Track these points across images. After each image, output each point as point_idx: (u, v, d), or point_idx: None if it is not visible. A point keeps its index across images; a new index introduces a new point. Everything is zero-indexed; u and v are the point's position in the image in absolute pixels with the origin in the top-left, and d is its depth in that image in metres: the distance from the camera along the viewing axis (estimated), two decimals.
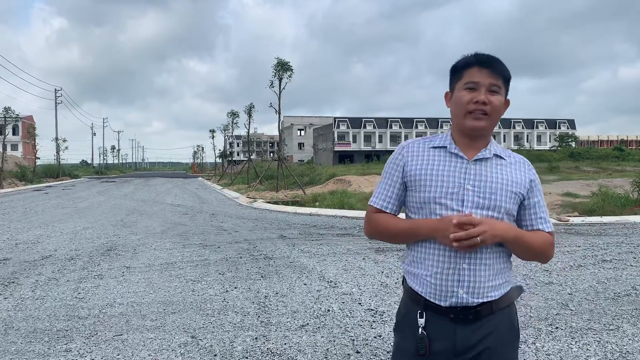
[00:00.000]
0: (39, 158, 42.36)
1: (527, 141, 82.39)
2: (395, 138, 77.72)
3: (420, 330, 1.56)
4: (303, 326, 4.11)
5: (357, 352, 3.56)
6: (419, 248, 1.60)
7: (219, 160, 53.73)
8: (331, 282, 5.55)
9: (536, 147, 76.66)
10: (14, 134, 65.26)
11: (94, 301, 4.93)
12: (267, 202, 16.80)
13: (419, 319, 1.57)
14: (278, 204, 16.06)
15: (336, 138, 78.19)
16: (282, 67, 20.32)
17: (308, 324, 4.15)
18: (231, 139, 50.93)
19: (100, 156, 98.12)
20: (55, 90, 58.72)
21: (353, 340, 3.79)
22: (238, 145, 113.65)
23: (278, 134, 26.95)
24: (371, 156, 68.82)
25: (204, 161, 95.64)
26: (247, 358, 3.47)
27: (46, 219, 12.38)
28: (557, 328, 3.99)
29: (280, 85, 20.56)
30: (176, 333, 3.98)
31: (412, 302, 1.61)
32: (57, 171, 44.46)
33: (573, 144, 73.55)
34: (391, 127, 79.91)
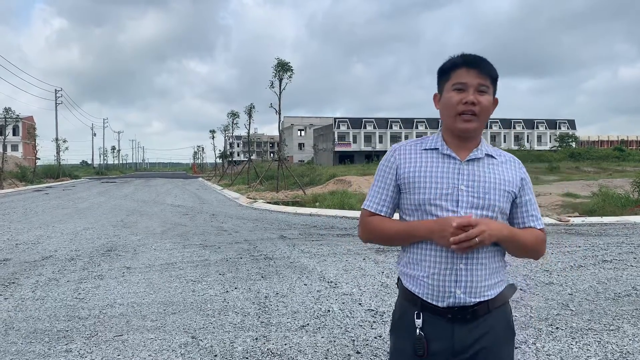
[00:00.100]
0: (39, 158, 42.40)
1: (528, 141, 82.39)
2: (395, 138, 77.74)
3: (417, 331, 1.56)
4: (303, 326, 4.11)
5: (358, 353, 3.56)
6: (415, 249, 1.60)
7: (219, 160, 53.78)
8: (331, 283, 5.55)
9: (536, 148, 76.65)
10: (14, 135, 65.35)
11: (94, 302, 4.94)
12: (268, 203, 16.81)
13: (416, 320, 1.57)
14: (278, 205, 16.07)
15: (336, 138, 78.23)
16: (283, 68, 20.34)
17: (308, 325, 4.15)
18: (231, 140, 50.93)
19: (100, 157, 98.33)
20: (55, 90, 58.83)
21: (353, 340, 3.79)
22: (238, 145, 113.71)
23: (278, 135, 26.96)
24: (371, 156, 68.80)
25: (204, 162, 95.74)
26: (248, 358, 3.47)
27: (46, 220, 12.38)
28: (558, 328, 3.99)
29: (280, 85, 20.59)
30: (176, 333, 3.98)
31: (409, 303, 1.62)
32: (58, 172, 44.48)
33: (573, 144, 73.55)
34: (391, 128, 79.96)
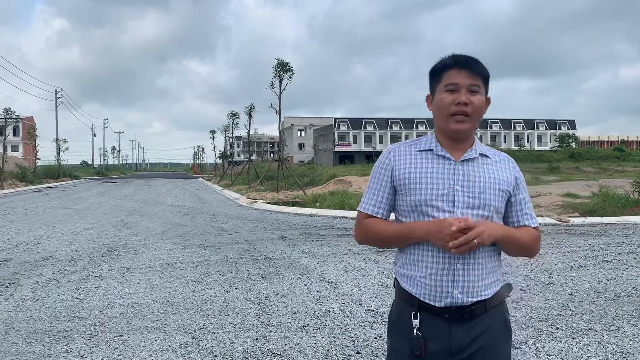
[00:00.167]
0: (40, 159, 42.42)
1: (528, 142, 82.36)
2: (395, 138, 77.69)
3: (415, 331, 1.57)
4: (304, 327, 4.11)
5: (358, 353, 3.56)
6: (412, 250, 1.61)
7: (220, 161, 53.79)
8: (332, 283, 5.55)
9: (537, 148, 76.66)
10: (15, 135, 65.35)
11: (95, 302, 4.94)
12: (268, 203, 16.81)
13: (414, 320, 1.58)
14: (278, 205, 16.07)
15: (336, 139, 78.22)
16: (283, 68, 20.35)
17: (309, 325, 4.15)
18: (231, 140, 50.97)
19: (100, 157, 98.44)
20: (55, 91, 58.88)
21: (354, 340, 3.79)
22: (238, 145, 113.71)
23: (278, 135, 26.97)
24: (372, 157, 68.71)
25: (205, 162, 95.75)
26: (248, 359, 3.47)
27: (47, 220, 12.39)
28: (558, 329, 3.99)
29: (280, 86, 20.60)
30: (177, 334, 3.98)
31: (406, 304, 1.62)
32: (58, 172, 44.49)
33: (573, 145, 73.54)
34: (392, 128, 79.93)
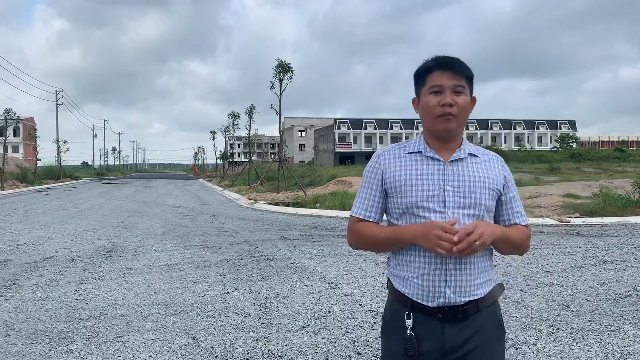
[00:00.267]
0: (40, 159, 42.36)
1: (528, 142, 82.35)
2: (396, 139, 77.73)
3: (408, 331, 1.57)
4: (304, 327, 4.10)
5: (358, 354, 3.56)
6: (405, 250, 1.62)
7: (220, 161, 53.82)
8: (332, 284, 5.55)
9: (537, 148, 76.67)
10: (15, 136, 65.37)
11: (95, 302, 4.94)
12: (268, 204, 16.81)
13: (407, 320, 1.58)
14: (279, 205, 16.07)
15: (337, 139, 78.22)
16: (283, 69, 20.36)
17: (309, 325, 4.15)
18: (232, 140, 51.05)
19: (101, 158, 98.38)
20: (56, 91, 58.85)
21: (354, 341, 3.79)
22: (239, 146, 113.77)
23: (279, 135, 26.97)
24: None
25: (205, 162, 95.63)
26: (248, 359, 3.47)
27: (47, 221, 12.39)
28: (558, 329, 3.99)
29: (280, 86, 20.61)
30: (177, 334, 3.98)
31: (399, 304, 1.63)
32: (58, 173, 44.51)
33: (574, 145, 73.54)
34: (392, 128, 79.94)
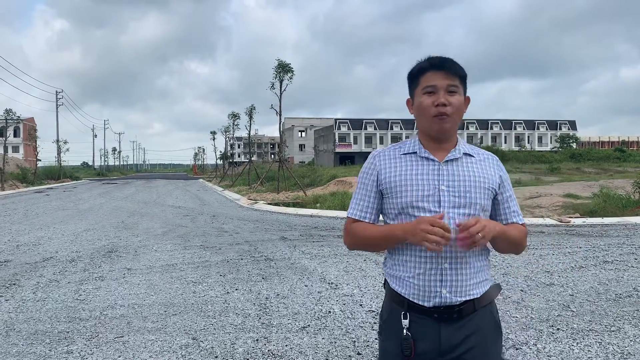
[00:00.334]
0: (40, 160, 42.35)
1: (528, 142, 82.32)
2: (396, 139, 77.67)
3: (404, 331, 1.57)
4: (304, 328, 4.10)
5: (359, 354, 3.55)
6: (401, 250, 1.62)
7: (220, 161, 53.82)
8: (332, 284, 5.55)
9: (537, 148, 76.62)
10: (15, 136, 65.34)
11: (95, 303, 4.94)
12: (268, 204, 16.81)
13: (403, 320, 1.59)
14: (279, 206, 16.07)
15: (337, 139, 78.21)
16: (283, 69, 20.37)
17: (309, 326, 4.15)
18: (232, 141, 51.04)
19: (101, 158, 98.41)
20: (56, 92, 58.86)
21: (354, 341, 3.79)
22: (239, 146, 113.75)
23: (279, 136, 26.97)
24: None
25: (205, 163, 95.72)
26: (248, 359, 3.48)
27: (47, 221, 12.40)
28: (559, 329, 3.99)
29: (281, 86, 20.62)
30: (177, 335, 3.98)
31: (395, 304, 1.63)
32: (58, 173, 44.53)
33: (574, 145, 73.52)
34: (392, 129, 79.93)
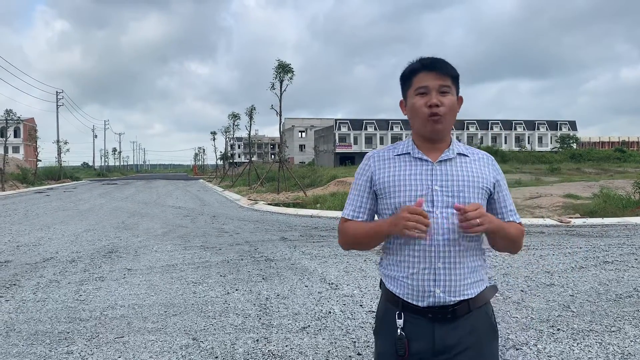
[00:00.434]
0: (40, 160, 42.31)
1: (529, 142, 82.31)
2: (396, 139, 77.53)
3: (398, 331, 1.58)
4: (304, 328, 4.10)
5: (359, 354, 3.55)
6: (395, 250, 1.63)
7: (220, 162, 53.81)
8: (332, 284, 5.55)
9: (537, 149, 76.61)
10: (16, 137, 65.38)
11: (96, 303, 4.94)
12: (268, 204, 16.81)
13: (397, 320, 1.59)
14: (279, 206, 16.08)
15: (337, 140, 78.21)
16: (283, 69, 20.38)
17: (309, 326, 4.15)
18: (232, 141, 51.05)
19: (101, 158, 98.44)
20: (56, 92, 58.91)
21: (354, 342, 3.79)
22: (239, 147, 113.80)
23: (279, 136, 26.97)
24: None
25: (205, 163, 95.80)
26: None
27: (47, 221, 12.40)
28: (559, 330, 3.99)
29: (281, 87, 20.63)
30: (177, 335, 3.98)
31: (391, 304, 1.64)
32: (59, 173, 44.55)
33: (574, 145, 73.52)
34: (392, 129, 79.92)
